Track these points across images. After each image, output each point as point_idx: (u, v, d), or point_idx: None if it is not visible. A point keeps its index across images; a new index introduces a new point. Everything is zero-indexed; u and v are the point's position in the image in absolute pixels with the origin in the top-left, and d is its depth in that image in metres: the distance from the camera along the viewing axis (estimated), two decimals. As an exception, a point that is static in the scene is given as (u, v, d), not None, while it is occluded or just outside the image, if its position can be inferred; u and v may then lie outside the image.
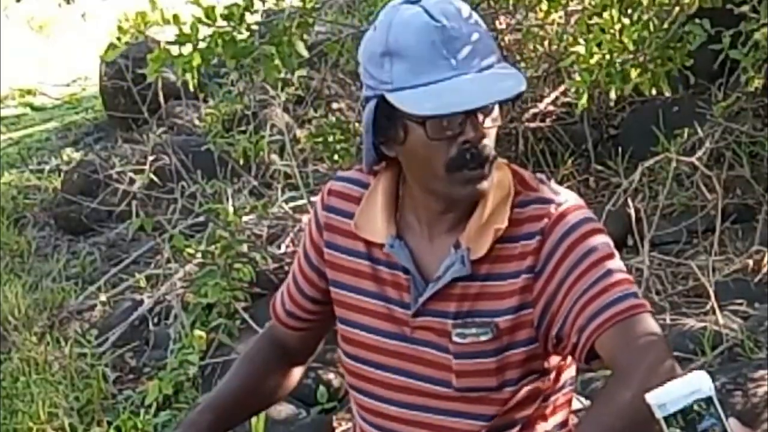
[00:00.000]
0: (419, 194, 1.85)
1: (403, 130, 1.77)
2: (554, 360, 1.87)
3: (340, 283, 1.93)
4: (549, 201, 1.82)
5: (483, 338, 1.81)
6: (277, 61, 3.73)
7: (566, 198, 1.83)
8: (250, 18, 3.79)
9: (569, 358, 1.90)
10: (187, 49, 3.62)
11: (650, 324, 1.75)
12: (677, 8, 3.90)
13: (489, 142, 1.77)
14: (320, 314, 2.01)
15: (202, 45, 3.66)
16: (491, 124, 1.77)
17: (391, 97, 1.74)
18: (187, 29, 3.59)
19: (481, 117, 1.75)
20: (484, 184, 1.78)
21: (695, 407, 1.34)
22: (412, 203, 1.87)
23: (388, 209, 1.87)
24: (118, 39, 3.68)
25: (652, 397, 1.35)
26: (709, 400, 1.35)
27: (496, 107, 1.78)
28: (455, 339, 1.82)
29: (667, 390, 1.35)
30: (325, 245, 1.94)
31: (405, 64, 1.72)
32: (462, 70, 1.71)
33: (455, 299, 1.82)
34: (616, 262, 1.79)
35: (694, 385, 1.35)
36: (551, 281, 1.78)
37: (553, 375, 1.89)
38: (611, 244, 1.82)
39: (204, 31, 3.67)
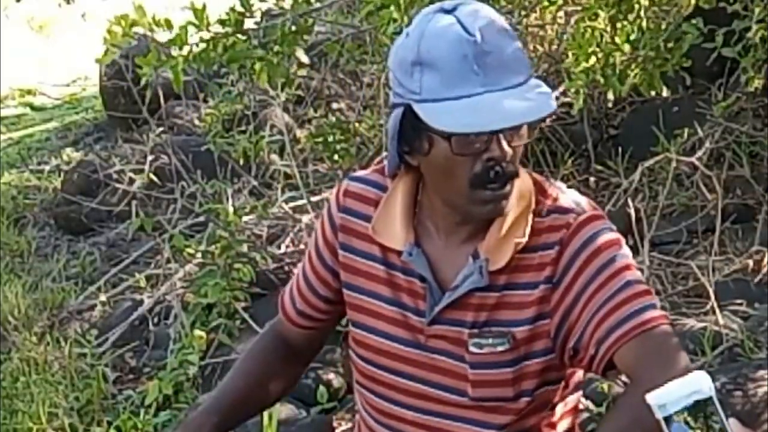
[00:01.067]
0: (438, 204, 1.83)
1: (427, 142, 1.74)
2: (569, 370, 1.87)
3: (354, 286, 1.91)
4: (568, 211, 1.81)
5: (500, 348, 1.80)
6: (276, 67, 3.72)
7: (585, 208, 1.82)
8: (247, 23, 3.78)
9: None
10: (181, 52, 3.60)
11: (669, 336, 1.75)
12: (674, 9, 3.90)
13: (514, 159, 1.75)
14: (332, 314, 2.00)
15: (195, 49, 3.65)
16: (518, 142, 1.74)
17: (418, 108, 1.71)
18: (177, 31, 3.58)
19: (508, 135, 1.72)
20: (504, 204, 1.76)
21: (695, 408, 1.34)
22: (430, 211, 1.85)
23: (407, 215, 1.85)
24: (112, 44, 3.65)
25: (653, 398, 1.35)
26: (709, 401, 1.34)
27: (524, 125, 1.75)
28: (472, 349, 1.81)
29: (667, 390, 1.35)
30: (339, 247, 1.92)
31: (435, 75, 1.69)
32: (492, 87, 1.67)
33: (472, 309, 1.81)
34: (635, 273, 1.79)
35: (694, 385, 1.35)
36: (569, 292, 1.77)
37: (562, 382, 1.88)
38: (629, 254, 1.81)
39: (198, 36, 3.65)
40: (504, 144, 1.71)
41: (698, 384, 1.35)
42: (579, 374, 1.92)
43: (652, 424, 1.61)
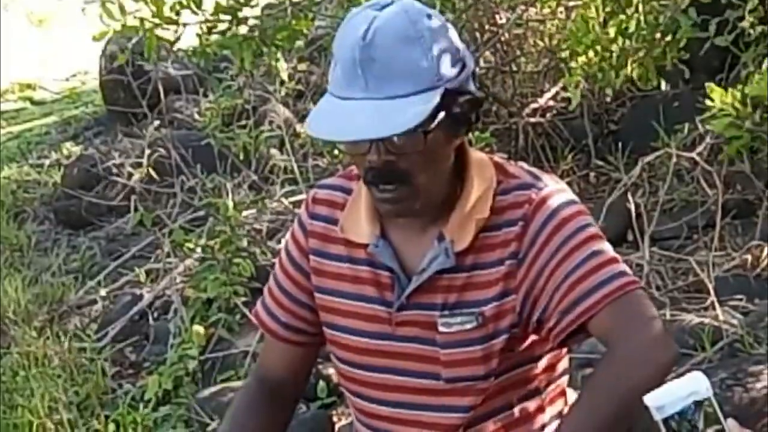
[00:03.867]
0: None
1: None
2: (544, 347, 1.88)
3: (322, 287, 1.94)
4: (530, 186, 1.83)
5: (468, 326, 1.82)
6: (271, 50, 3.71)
7: (547, 183, 1.84)
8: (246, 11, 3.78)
9: (564, 350, 1.92)
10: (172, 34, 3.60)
11: (642, 301, 1.76)
12: (671, 2, 3.89)
13: (403, 162, 1.74)
14: (317, 327, 1.99)
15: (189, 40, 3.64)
16: (403, 150, 1.74)
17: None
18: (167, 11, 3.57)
19: (387, 142, 1.73)
20: (400, 206, 1.78)
21: (693, 409, 1.34)
22: None
23: (372, 210, 1.87)
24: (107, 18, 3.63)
25: (650, 400, 1.35)
26: (707, 401, 1.34)
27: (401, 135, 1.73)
28: (441, 328, 1.83)
29: (665, 392, 1.35)
30: (310, 252, 1.95)
31: (338, 71, 1.74)
32: (372, 94, 1.69)
33: (441, 291, 1.83)
34: (600, 243, 1.80)
35: (691, 386, 1.35)
36: (534, 266, 1.79)
37: (544, 364, 1.89)
38: (594, 224, 1.82)
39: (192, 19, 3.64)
40: (381, 151, 1.73)
41: (696, 385, 1.35)
42: (565, 361, 1.95)
43: (629, 399, 1.63)
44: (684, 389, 1.35)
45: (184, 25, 3.60)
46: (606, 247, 1.80)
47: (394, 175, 1.75)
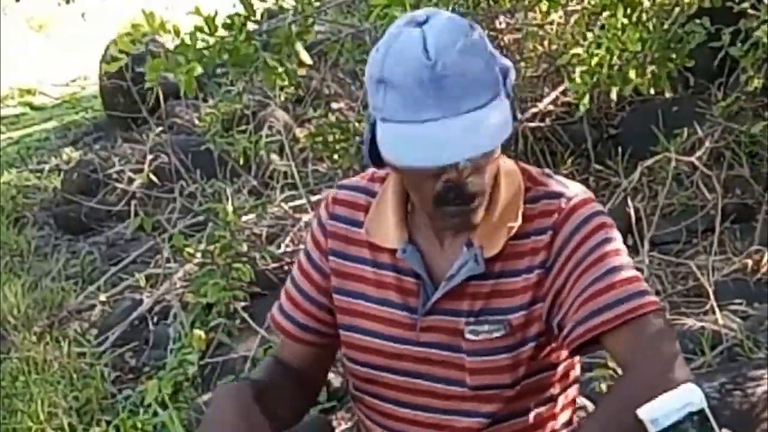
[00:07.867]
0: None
1: None
2: (561, 355, 1.88)
3: (344, 289, 1.92)
4: (559, 195, 1.82)
5: (496, 335, 1.82)
6: (279, 69, 3.72)
7: (575, 192, 1.83)
8: (250, 25, 3.78)
9: (576, 357, 1.92)
10: (189, 56, 3.60)
11: (660, 324, 1.76)
12: (677, 8, 3.89)
13: (477, 179, 1.73)
14: (334, 328, 1.97)
15: (204, 53, 3.64)
16: (482, 162, 1.73)
17: (379, 128, 1.72)
18: (186, 39, 3.57)
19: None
20: (473, 217, 1.77)
21: (688, 420, 1.34)
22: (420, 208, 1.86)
23: (399, 214, 1.87)
24: (120, 50, 3.63)
25: (644, 412, 1.35)
26: (701, 413, 1.34)
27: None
28: (468, 336, 1.82)
29: (659, 404, 1.35)
30: (330, 253, 1.94)
31: (396, 96, 1.68)
32: (449, 112, 1.66)
33: (468, 298, 1.83)
34: (624, 259, 1.80)
35: (685, 398, 1.35)
36: (560, 275, 1.79)
37: (560, 371, 1.89)
38: (620, 239, 1.82)
39: (203, 40, 3.65)
40: (460, 168, 1.70)
41: (690, 396, 1.35)
42: (576, 369, 1.95)
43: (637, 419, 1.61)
44: (678, 401, 1.35)
45: (199, 50, 3.60)
46: (629, 262, 1.80)
47: (472, 188, 1.73)
